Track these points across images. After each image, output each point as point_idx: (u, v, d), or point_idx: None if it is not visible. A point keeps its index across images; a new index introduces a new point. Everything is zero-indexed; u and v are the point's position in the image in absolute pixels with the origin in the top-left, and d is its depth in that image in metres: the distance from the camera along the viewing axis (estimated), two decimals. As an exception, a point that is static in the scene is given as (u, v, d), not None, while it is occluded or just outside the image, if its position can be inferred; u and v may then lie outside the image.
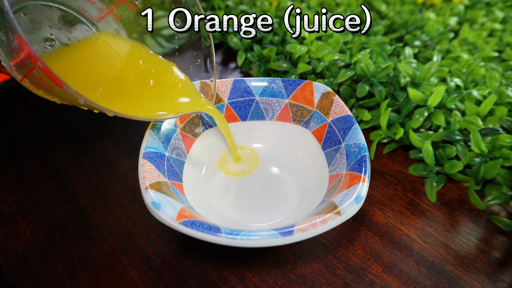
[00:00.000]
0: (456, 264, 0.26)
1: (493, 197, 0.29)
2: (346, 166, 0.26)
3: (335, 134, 0.29)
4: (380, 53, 0.39)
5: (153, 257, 0.26)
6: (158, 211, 0.21)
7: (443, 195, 0.31)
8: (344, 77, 0.36)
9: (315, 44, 0.40)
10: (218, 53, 0.50)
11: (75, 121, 0.39)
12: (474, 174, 0.29)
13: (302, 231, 0.21)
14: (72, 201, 0.30)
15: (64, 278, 0.25)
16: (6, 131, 0.38)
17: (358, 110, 0.37)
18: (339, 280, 0.25)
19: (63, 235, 0.28)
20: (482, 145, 0.29)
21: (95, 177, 0.32)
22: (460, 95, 0.33)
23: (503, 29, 0.50)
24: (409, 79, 0.36)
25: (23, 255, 0.27)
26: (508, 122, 0.32)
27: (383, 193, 0.31)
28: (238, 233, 0.21)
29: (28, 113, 0.40)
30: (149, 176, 0.24)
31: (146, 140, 0.26)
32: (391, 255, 0.26)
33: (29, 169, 0.33)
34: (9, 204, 0.30)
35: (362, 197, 0.23)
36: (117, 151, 0.35)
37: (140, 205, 0.30)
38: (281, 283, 0.25)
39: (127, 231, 0.28)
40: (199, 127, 0.31)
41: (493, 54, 0.41)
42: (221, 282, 0.25)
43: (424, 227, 0.28)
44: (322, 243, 0.27)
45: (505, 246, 0.27)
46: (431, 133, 0.33)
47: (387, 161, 0.34)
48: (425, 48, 0.45)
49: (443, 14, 0.51)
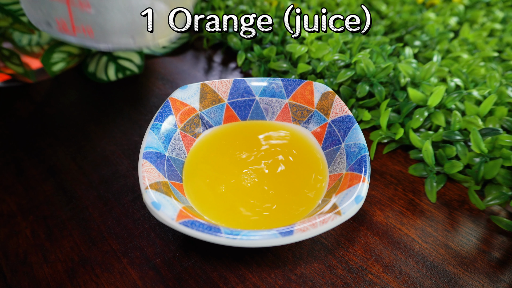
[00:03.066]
0: (456, 264, 0.26)
1: (493, 197, 0.29)
2: (346, 166, 0.26)
3: (335, 134, 0.29)
4: (380, 53, 0.39)
5: (153, 257, 0.26)
6: (158, 211, 0.21)
7: (443, 195, 0.31)
8: (344, 77, 0.36)
9: (315, 44, 0.40)
10: (218, 53, 0.50)
11: (75, 121, 0.39)
12: (474, 174, 0.29)
13: (302, 231, 0.21)
14: (72, 201, 0.30)
15: (64, 278, 0.25)
16: (6, 131, 0.38)
17: (358, 110, 0.37)
18: (339, 280, 0.25)
19: (63, 235, 0.28)
20: (482, 145, 0.29)
21: (95, 177, 0.32)
22: (460, 95, 0.33)
23: (503, 29, 0.50)
24: (409, 79, 0.36)
25: (23, 255, 0.27)
26: (508, 122, 0.32)
27: (383, 193, 0.31)
28: (238, 233, 0.21)
29: (28, 113, 0.40)
30: (149, 176, 0.24)
31: (146, 140, 0.26)
32: (391, 255, 0.26)
33: (29, 169, 0.33)
34: (9, 204, 0.30)
35: (362, 197, 0.23)
36: (117, 151, 0.35)
37: (140, 205, 0.30)
38: (281, 283, 0.25)
39: (127, 231, 0.28)
40: (199, 127, 0.31)
41: (493, 54, 0.41)
42: (221, 282, 0.25)
43: (424, 227, 0.28)
44: (322, 243, 0.27)
45: (505, 246, 0.27)
46: (431, 133, 0.33)
47: (387, 161, 0.34)
48: (425, 48, 0.45)
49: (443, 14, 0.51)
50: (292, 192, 0.27)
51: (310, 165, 0.29)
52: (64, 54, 0.44)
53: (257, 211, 0.26)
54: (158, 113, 0.29)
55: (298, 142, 0.31)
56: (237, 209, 0.27)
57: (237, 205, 0.27)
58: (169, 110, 0.29)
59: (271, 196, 0.27)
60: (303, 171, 0.29)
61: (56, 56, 0.43)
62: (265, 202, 0.27)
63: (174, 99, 0.30)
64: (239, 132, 0.33)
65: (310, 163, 0.29)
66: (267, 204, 0.27)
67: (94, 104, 0.42)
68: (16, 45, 0.48)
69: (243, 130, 0.33)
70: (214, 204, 0.27)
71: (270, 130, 0.33)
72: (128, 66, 0.45)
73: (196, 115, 0.31)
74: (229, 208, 0.27)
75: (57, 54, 0.43)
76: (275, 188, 0.28)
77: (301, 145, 0.31)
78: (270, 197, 0.27)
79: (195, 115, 0.31)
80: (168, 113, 0.29)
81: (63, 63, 0.44)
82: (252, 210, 0.26)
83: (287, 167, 0.29)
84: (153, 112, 0.40)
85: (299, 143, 0.31)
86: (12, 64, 0.44)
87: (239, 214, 0.26)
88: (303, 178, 0.28)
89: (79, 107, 0.42)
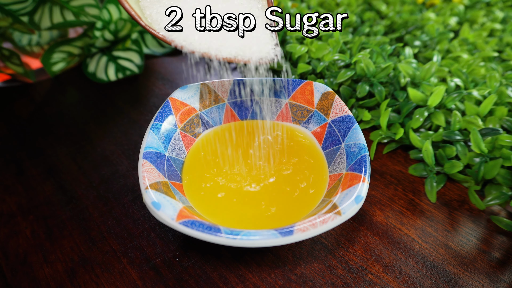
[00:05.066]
0: (456, 264, 0.26)
1: (493, 197, 0.29)
2: (346, 166, 0.26)
3: (335, 134, 0.29)
4: (380, 53, 0.39)
5: (153, 257, 0.26)
6: (158, 211, 0.21)
7: (443, 195, 0.31)
8: (344, 77, 0.36)
9: (315, 44, 0.40)
10: (218, 53, 0.50)
11: (75, 121, 0.39)
12: (474, 174, 0.29)
13: (302, 231, 0.21)
14: (72, 201, 0.30)
15: (64, 278, 0.25)
16: (6, 131, 0.38)
17: (358, 110, 0.37)
18: (339, 280, 0.25)
19: (63, 235, 0.28)
20: (482, 145, 0.29)
21: (95, 177, 0.32)
22: (460, 95, 0.33)
23: (503, 29, 0.50)
24: (409, 79, 0.36)
25: (23, 255, 0.27)
26: (508, 122, 0.32)
27: (383, 193, 0.31)
28: (238, 233, 0.21)
29: (28, 113, 0.40)
30: (149, 176, 0.24)
31: (146, 140, 0.26)
32: (391, 255, 0.26)
33: (29, 169, 0.33)
34: (9, 204, 0.30)
35: (362, 197, 0.23)
36: (117, 151, 0.35)
37: (140, 205, 0.30)
38: (281, 283, 0.25)
39: (127, 231, 0.28)
40: (199, 127, 0.31)
41: (493, 54, 0.41)
42: (221, 282, 0.25)
43: (424, 227, 0.28)
44: (322, 243, 0.27)
45: (505, 246, 0.27)
46: (431, 133, 0.33)
47: (387, 161, 0.34)
48: (425, 48, 0.45)
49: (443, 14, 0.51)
50: (292, 192, 0.27)
51: (310, 165, 0.29)
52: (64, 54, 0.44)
53: (257, 211, 0.26)
54: (158, 113, 0.29)
55: (298, 142, 0.31)
56: (237, 209, 0.27)
57: (237, 205, 0.27)
58: (169, 110, 0.29)
59: (271, 196, 0.27)
60: (303, 171, 0.29)
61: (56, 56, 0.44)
62: (265, 202, 0.27)
63: (174, 99, 0.30)
64: (239, 131, 0.33)
65: (310, 163, 0.29)
66: (267, 204, 0.27)
67: (94, 104, 0.42)
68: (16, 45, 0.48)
69: (243, 129, 0.33)
70: (214, 204, 0.27)
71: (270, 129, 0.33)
72: (128, 66, 0.45)
73: (196, 115, 0.31)
74: (229, 208, 0.27)
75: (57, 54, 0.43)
76: (275, 188, 0.28)
77: (301, 145, 0.31)
78: (270, 197, 0.27)
79: (195, 115, 0.31)
80: (168, 113, 0.29)
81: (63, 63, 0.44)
82: (252, 210, 0.26)
83: (287, 167, 0.29)
84: (153, 112, 0.40)
85: (299, 143, 0.31)
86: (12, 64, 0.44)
87: (239, 214, 0.26)
88: (303, 178, 0.28)
89: (79, 107, 0.42)
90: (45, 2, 0.42)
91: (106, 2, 0.44)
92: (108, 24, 0.43)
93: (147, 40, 0.50)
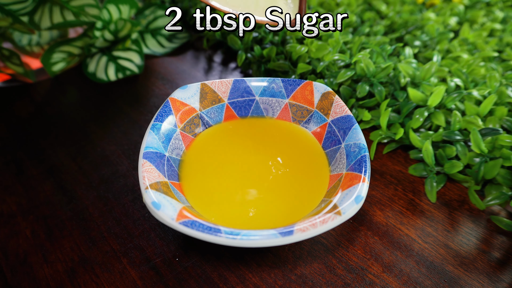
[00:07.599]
0: (456, 264, 0.26)
1: (493, 197, 0.29)
2: (346, 166, 0.26)
3: (335, 134, 0.29)
4: (380, 53, 0.39)
5: (153, 257, 0.26)
6: (158, 211, 0.21)
7: (443, 195, 0.31)
8: (344, 77, 0.36)
9: (315, 44, 0.40)
10: (218, 53, 0.50)
11: (75, 121, 0.39)
12: (474, 174, 0.29)
13: (302, 231, 0.21)
14: (72, 201, 0.30)
15: (64, 278, 0.25)
16: (6, 131, 0.38)
17: (358, 110, 0.37)
18: (339, 280, 0.25)
19: (63, 235, 0.28)
20: (482, 145, 0.29)
21: (95, 177, 0.32)
22: (460, 95, 0.33)
23: (503, 29, 0.50)
24: (409, 79, 0.36)
25: (23, 255, 0.27)
26: (508, 122, 0.32)
27: (383, 193, 0.31)
28: (238, 233, 0.21)
29: (28, 113, 0.40)
30: (149, 176, 0.24)
31: (146, 140, 0.26)
32: (391, 255, 0.26)
33: (29, 169, 0.33)
34: (9, 204, 0.30)
35: (362, 197, 0.23)
36: (117, 151, 0.35)
37: (140, 205, 0.30)
38: (281, 283, 0.25)
39: (127, 231, 0.28)
40: (199, 127, 0.31)
41: (493, 54, 0.41)
42: (221, 282, 0.25)
43: (424, 227, 0.28)
44: (322, 243, 0.27)
45: (505, 246, 0.27)
46: (431, 133, 0.33)
47: (387, 161, 0.34)
48: (425, 48, 0.45)
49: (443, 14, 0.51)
50: (292, 192, 0.27)
51: (310, 165, 0.29)
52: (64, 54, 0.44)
53: (257, 211, 0.26)
54: (158, 113, 0.29)
55: (298, 142, 0.31)
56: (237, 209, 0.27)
57: (237, 205, 0.27)
58: (169, 110, 0.29)
59: (271, 196, 0.27)
60: (303, 171, 0.29)
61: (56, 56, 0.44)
62: (265, 202, 0.27)
63: (174, 99, 0.30)
64: (239, 131, 0.33)
65: (310, 163, 0.29)
66: (267, 204, 0.27)
67: (94, 104, 0.42)
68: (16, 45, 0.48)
69: (243, 129, 0.33)
70: (214, 204, 0.27)
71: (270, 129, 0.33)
72: (128, 66, 0.45)
73: (196, 115, 0.31)
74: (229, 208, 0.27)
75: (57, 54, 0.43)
76: (275, 188, 0.28)
77: (301, 145, 0.31)
78: (270, 197, 0.27)
79: (195, 115, 0.31)
80: (168, 113, 0.29)
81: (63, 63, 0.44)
82: (252, 210, 0.26)
83: (287, 166, 0.29)
84: (153, 112, 0.40)
85: (299, 142, 0.31)
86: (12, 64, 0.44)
87: (239, 214, 0.26)
88: (303, 178, 0.28)
89: (79, 107, 0.42)
90: (45, 2, 0.42)
91: (106, 2, 0.44)
92: (108, 24, 0.43)
93: (147, 40, 0.50)
